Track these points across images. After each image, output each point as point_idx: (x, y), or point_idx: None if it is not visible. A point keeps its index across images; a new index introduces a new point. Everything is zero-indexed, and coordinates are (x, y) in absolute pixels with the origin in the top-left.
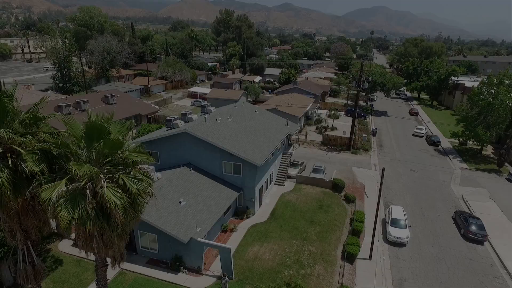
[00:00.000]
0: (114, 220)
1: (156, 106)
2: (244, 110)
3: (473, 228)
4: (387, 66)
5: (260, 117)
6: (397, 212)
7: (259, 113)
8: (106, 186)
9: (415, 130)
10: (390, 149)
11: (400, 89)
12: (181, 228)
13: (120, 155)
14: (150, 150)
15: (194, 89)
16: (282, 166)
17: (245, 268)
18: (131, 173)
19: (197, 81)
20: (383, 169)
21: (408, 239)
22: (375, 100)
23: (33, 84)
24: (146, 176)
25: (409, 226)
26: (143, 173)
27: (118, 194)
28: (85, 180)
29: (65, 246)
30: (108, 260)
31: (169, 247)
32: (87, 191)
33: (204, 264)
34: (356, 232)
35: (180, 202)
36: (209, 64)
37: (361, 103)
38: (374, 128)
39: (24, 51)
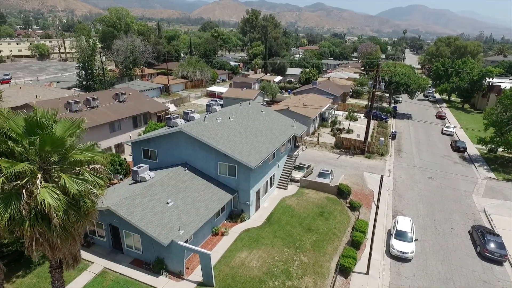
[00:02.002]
0: (53, 223)
1: (172, 105)
2: (249, 110)
3: (491, 246)
4: (419, 66)
5: (265, 118)
6: (404, 223)
7: (265, 113)
8: (44, 186)
9: (445, 129)
10: (409, 154)
11: (429, 91)
12: (163, 230)
13: (67, 154)
14: (148, 148)
15: (212, 88)
16: (286, 169)
17: (228, 276)
18: (80, 172)
19: (218, 81)
20: (382, 177)
21: (413, 254)
22: (400, 102)
23: (58, 82)
24: (98, 177)
25: (416, 240)
26: (94, 173)
27: (56, 195)
28: (26, 179)
29: None
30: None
31: (152, 248)
32: (23, 190)
33: (187, 268)
34: (355, 243)
35: (167, 203)
36: (232, 63)
37: (384, 104)
38: (393, 131)
39: (61, 51)
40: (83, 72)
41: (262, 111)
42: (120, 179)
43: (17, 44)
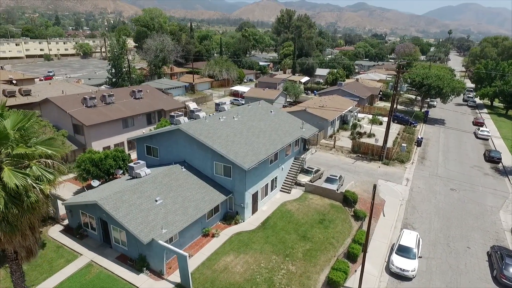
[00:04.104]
0: None
1: (194, 103)
2: (257, 110)
3: (511, 271)
4: (463, 68)
5: (273, 118)
6: (409, 238)
7: (274, 114)
8: None
9: (479, 133)
10: (433, 163)
11: (469, 95)
12: (145, 227)
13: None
14: (151, 145)
15: (236, 87)
16: (291, 172)
17: (208, 279)
18: (29, 166)
19: (245, 80)
20: (375, 186)
21: (414, 272)
22: (435, 106)
23: (89, 79)
24: (48, 172)
25: (420, 257)
26: (44, 167)
27: None
28: None
29: (54, 231)
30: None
31: (135, 245)
32: None
33: (169, 268)
34: (351, 256)
35: (156, 201)
36: (261, 63)
37: (415, 108)
38: (420, 137)
39: (102, 50)
40: (113, 70)
41: (271, 112)
42: (121, 174)
43: (64, 43)
